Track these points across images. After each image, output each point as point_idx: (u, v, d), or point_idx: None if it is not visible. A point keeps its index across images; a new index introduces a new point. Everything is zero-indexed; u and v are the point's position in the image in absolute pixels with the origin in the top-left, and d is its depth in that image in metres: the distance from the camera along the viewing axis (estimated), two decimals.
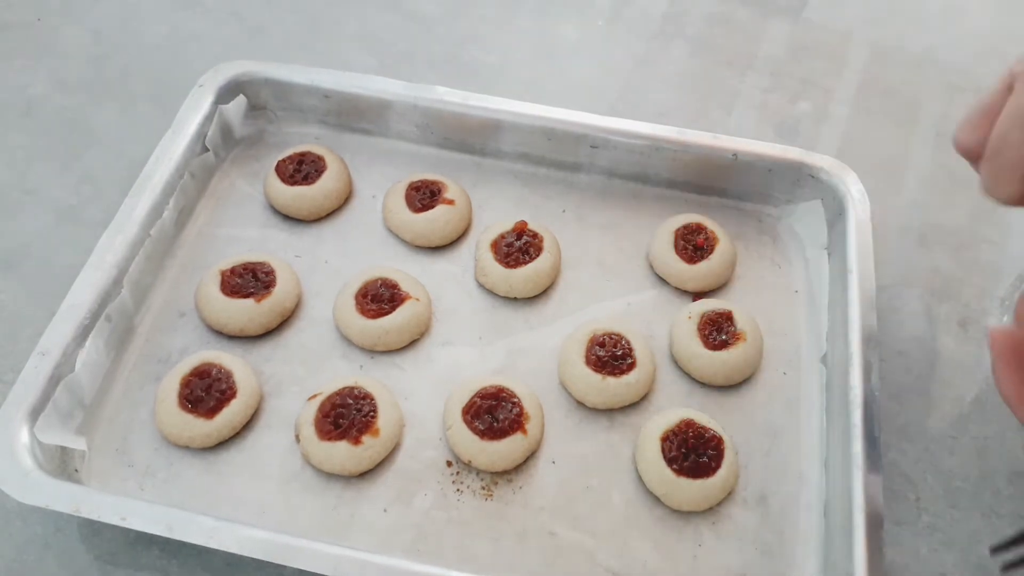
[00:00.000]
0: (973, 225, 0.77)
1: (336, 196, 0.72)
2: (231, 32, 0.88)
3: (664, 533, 0.57)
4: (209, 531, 0.50)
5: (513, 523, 0.57)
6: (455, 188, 0.72)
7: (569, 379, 0.63)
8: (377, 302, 0.64)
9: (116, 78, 0.83)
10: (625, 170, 0.74)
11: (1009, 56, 0.46)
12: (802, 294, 0.70)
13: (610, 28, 0.93)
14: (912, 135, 0.84)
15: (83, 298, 0.59)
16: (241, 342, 0.64)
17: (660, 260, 0.70)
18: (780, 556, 0.57)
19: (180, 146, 0.69)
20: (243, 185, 0.73)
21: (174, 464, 0.58)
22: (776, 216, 0.75)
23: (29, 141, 0.77)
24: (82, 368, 0.58)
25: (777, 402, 0.64)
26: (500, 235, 0.69)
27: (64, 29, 0.86)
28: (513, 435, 0.58)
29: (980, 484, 0.62)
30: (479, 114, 0.73)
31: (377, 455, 0.58)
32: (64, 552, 0.55)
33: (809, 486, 0.60)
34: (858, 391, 0.59)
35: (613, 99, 0.85)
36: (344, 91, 0.74)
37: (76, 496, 0.51)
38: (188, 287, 0.66)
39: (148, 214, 0.65)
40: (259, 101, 0.76)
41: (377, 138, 0.77)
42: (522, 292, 0.67)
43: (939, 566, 0.58)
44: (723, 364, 0.63)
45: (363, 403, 0.59)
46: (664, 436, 0.59)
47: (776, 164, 0.72)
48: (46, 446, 0.54)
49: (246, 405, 0.59)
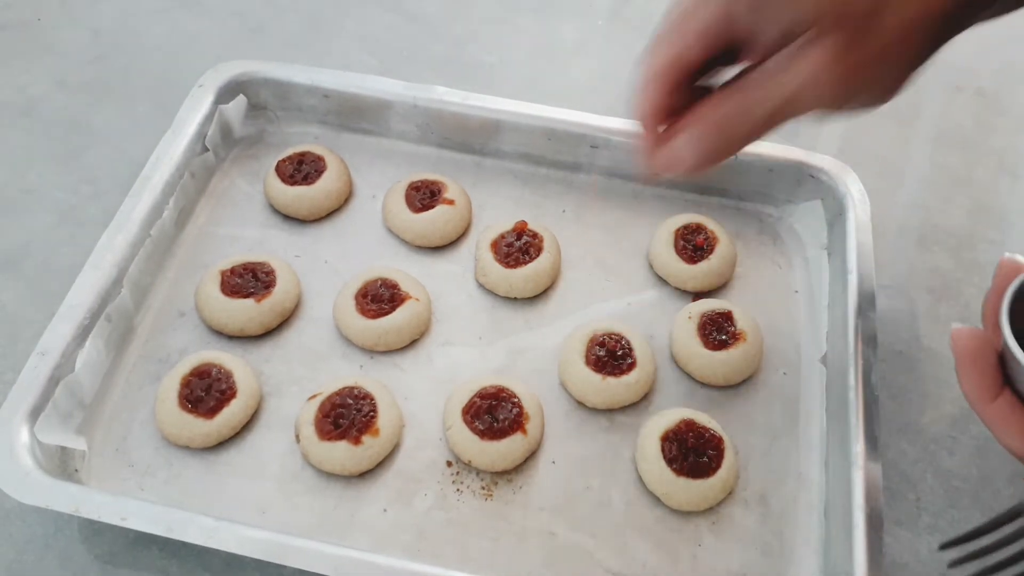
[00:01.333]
0: (973, 225, 0.77)
1: (336, 196, 0.72)
2: (231, 32, 0.88)
3: (664, 533, 0.57)
4: (209, 531, 0.50)
5: (513, 523, 0.57)
6: (455, 188, 0.72)
7: (569, 379, 0.63)
8: (377, 302, 0.64)
9: (116, 78, 0.83)
10: (625, 170, 0.74)
11: (1010, 56, 0.46)
12: (802, 294, 0.70)
13: (610, 28, 0.93)
14: (912, 135, 0.84)
15: (83, 298, 0.59)
16: (241, 342, 0.64)
17: (660, 260, 0.70)
18: (780, 556, 0.57)
19: (180, 146, 0.69)
20: (243, 185, 0.73)
21: (174, 464, 0.58)
22: (776, 216, 0.75)
23: (29, 141, 0.77)
24: (82, 368, 0.58)
25: (777, 402, 0.64)
26: (500, 235, 0.69)
27: (64, 29, 0.86)
28: (513, 435, 0.58)
29: (980, 484, 0.62)
30: (479, 114, 0.73)
31: (377, 455, 0.58)
32: (64, 552, 0.55)
33: (809, 486, 0.60)
34: (858, 391, 0.59)
35: (613, 99, 0.85)
36: (344, 91, 0.74)
37: (76, 496, 0.51)
38: (188, 287, 0.66)
39: (148, 214, 0.65)
40: (259, 101, 0.76)
41: (377, 138, 0.77)
42: (522, 292, 0.67)
43: (939, 566, 0.58)
44: (723, 364, 0.63)
45: (363, 403, 0.59)
46: (664, 436, 0.59)
47: (776, 164, 0.72)
48: (46, 446, 0.54)
49: (246, 405, 0.59)
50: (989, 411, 0.46)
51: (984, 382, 0.45)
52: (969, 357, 0.46)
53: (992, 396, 0.45)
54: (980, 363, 0.46)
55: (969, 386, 0.46)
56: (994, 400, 0.45)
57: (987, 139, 0.85)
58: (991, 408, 0.45)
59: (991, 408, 0.45)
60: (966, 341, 0.46)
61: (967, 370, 0.46)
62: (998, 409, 0.45)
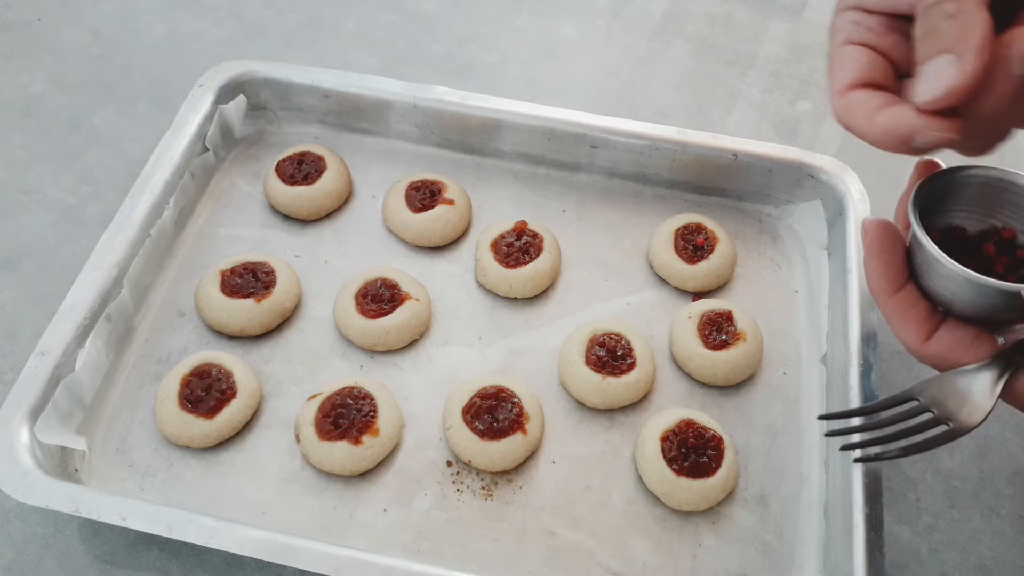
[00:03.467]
0: None
1: (336, 196, 0.72)
2: (231, 32, 0.88)
3: (664, 533, 0.57)
4: (209, 531, 0.50)
5: (513, 523, 0.57)
6: (455, 188, 0.72)
7: (569, 379, 0.63)
8: (377, 302, 0.64)
9: (116, 78, 0.83)
10: (625, 170, 0.74)
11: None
12: (802, 294, 0.70)
13: (610, 28, 0.93)
14: None
15: (83, 298, 0.59)
16: (241, 342, 0.64)
17: (660, 260, 0.70)
18: (780, 556, 0.57)
19: (180, 146, 0.69)
20: (243, 185, 0.73)
21: (174, 464, 0.58)
22: (776, 216, 0.75)
23: (29, 141, 0.77)
24: (82, 368, 0.58)
25: (777, 402, 0.64)
26: (500, 235, 0.69)
27: (64, 29, 0.86)
28: (513, 435, 0.58)
29: (980, 484, 0.62)
30: (479, 114, 0.73)
31: (377, 455, 0.58)
32: (64, 552, 0.55)
33: (809, 486, 0.60)
34: (858, 391, 0.59)
35: (613, 99, 0.85)
36: (344, 91, 0.74)
37: (76, 496, 0.51)
38: (188, 287, 0.66)
39: (148, 214, 0.65)
40: (259, 101, 0.76)
41: (377, 138, 0.77)
42: (522, 292, 0.67)
43: (939, 566, 0.58)
44: (723, 364, 0.63)
45: (363, 403, 0.59)
46: (664, 436, 0.59)
47: (776, 164, 0.72)
48: (46, 446, 0.54)
49: (246, 405, 0.59)
50: (891, 303, 0.46)
51: (889, 272, 0.46)
52: (878, 246, 0.46)
53: (896, 288, 0.46)
54: (887, 255, 0.46)
55: (875, 276, 0.46)
56: (897, 292, 0.46)
57: None
58: (893, 300, 0.46)
59: (893, 300, 0.46)
60: (877, 232, 0.46)
61: (874, 261, 0.46)
62: (899, 300, 0.46)
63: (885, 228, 0.47)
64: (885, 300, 0.46)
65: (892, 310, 0.46)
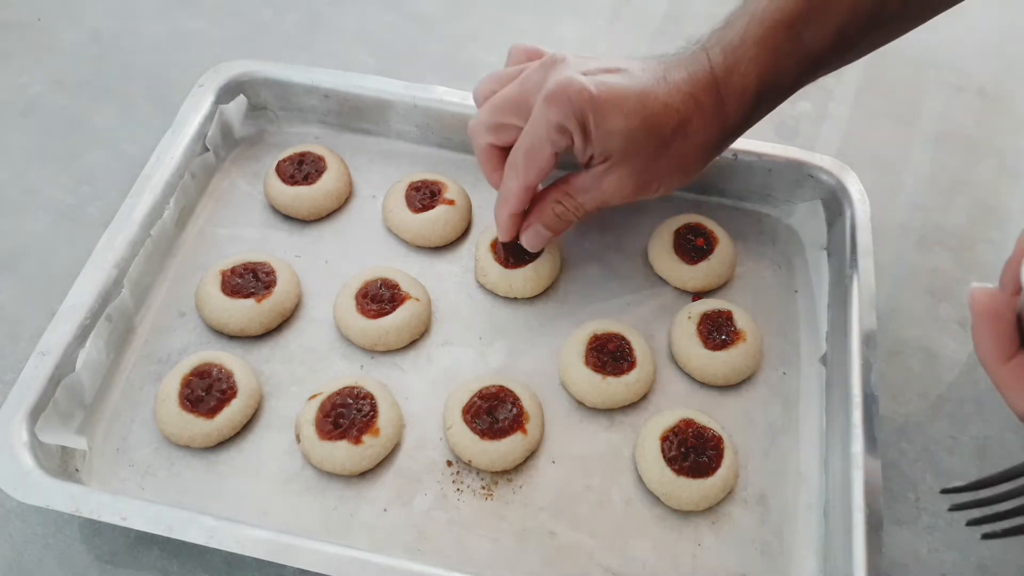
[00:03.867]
0: (973, 225, 0.77)
1: (336, 196, 0.72)
2: (231, 32, 0.88)
3: (664, 533, 0.57)
4: (209, 531, 0.50)
5: (513, 523, 0.57)
6: (455, 188, 0.72)
7: (569, 379, 0.63)
8: (377, 302, 0.64)
9: (116, 78, 0.83)
10: None
11: (1010, 56, 0.46)
12: (802, 294, 0.70)
13: (610, 28, 0.93)
14: (912, 135, 0.84)
15: (83, 298, 0.59)
16: (241, 342, 0.64)
17: (660, 260, 0.70)
18: (780, 556, 0.57)
19: (180, 146, 0.69)
20: (243, 185, 0.73)
21: (174, 464, 0.58)
22: (776, 216, 0.75)
23: (29, 141, 0.77)
24: (82, 368, 0.58)
25: (777, 402, 0.64)
26: None
27: (64, 29, 0.86)
28: (513, 435, 0.58)
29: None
30: None
31: (377, 455, 0.58)
32: (64, 552, 0.55)
33: (809, 486, 0.60)
34: (858, 391, 0.59)
35: None
36: (344, 91, 0.74)
37: (76, 496, 0.51)
38: (188, 287, 0.66)
39: (148, 214, 0.65)
40: (259, 101, 0.76)
41: (377, 138, 0.77)
42: (522, 292, 0.67)
43: (939, 566, 0.58)
44: (723, 364, 0.63)
45: (363, 403, 0.59)
46: (664, 436, 0.59)
47: (776, 164, 0.72)
48: (46, 446, 0.54)
49: (246, 405, 0.59)
50: (1002, 372, 0.45)
51: (1000, 342, 0.45)
52: (987, 316, 0.45)
53: (1007, 357, 0.45)
54: (997, 322, 0.45)
55: (984, 345, 0.46)
56: (1008, 361, 0.45)
57: (988, 139, 0.85)
58: (1004, 369, 0.45)
59: (1004, 369, 0.45)
60: (985, 300, 0.46)
61: (984, 329, 0.45)
62: (1011, 370, 0.45)
63: (993, 296, 0.46)
64: (997, 369, 0.46)
65: (1004, 380, 0.46)
